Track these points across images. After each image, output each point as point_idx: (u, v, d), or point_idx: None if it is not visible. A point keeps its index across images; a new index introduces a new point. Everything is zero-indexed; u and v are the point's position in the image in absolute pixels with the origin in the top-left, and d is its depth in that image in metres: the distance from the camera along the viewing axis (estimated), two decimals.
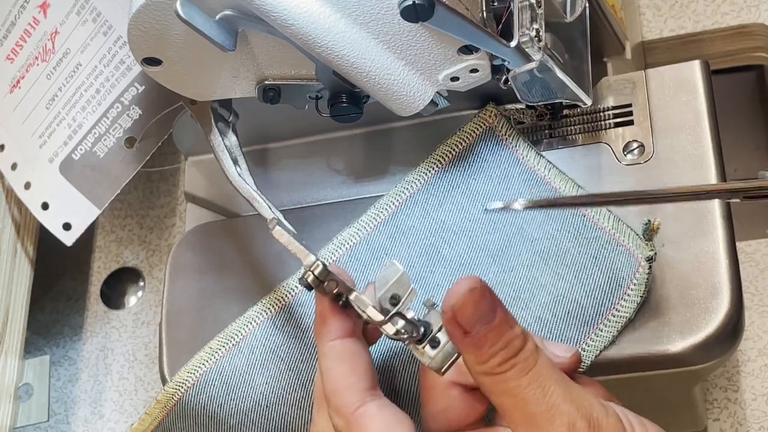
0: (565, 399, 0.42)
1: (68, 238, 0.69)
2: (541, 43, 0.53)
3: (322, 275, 0.48)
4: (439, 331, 0.46)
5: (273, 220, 0.52)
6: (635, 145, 0.59)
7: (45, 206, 0.70)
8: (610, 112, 0.60)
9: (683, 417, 0.64)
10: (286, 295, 0.59)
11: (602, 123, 0.60)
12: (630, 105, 0.60)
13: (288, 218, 0.55)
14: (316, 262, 0.49)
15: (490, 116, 0.60)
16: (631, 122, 0.59)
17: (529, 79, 0.55)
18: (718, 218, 0.55)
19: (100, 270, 0.84)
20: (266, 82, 0.56)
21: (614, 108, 0.60)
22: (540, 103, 0.59)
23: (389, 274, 0.47)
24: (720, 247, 0.54)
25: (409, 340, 0.46)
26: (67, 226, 0.69)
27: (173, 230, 0.84)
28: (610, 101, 0.60)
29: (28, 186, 0.70)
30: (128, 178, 0.67)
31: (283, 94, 0.57)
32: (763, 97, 0.88)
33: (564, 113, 0.60)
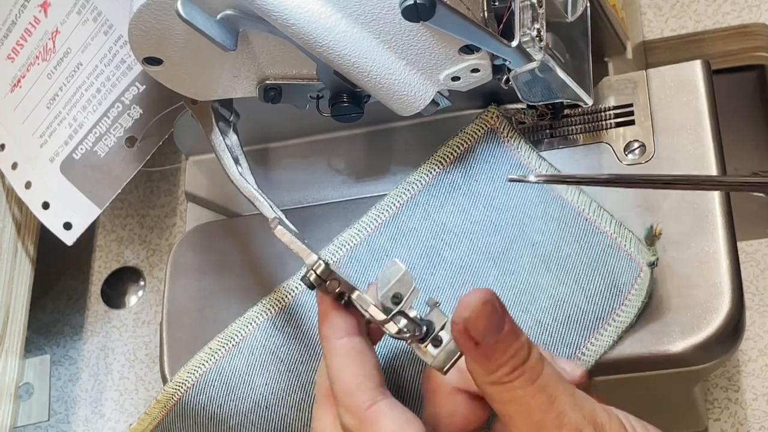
0: (571, 406, 0.42)
1: (69, 238, 0.69)
2: (542, 43, 0.53)
3: (325, 274, 0.48)
4: (441, 329, 0.46)
5: (275, 220, 0.52)
6: (636, 144, 0.59)
7: (46, 206, 0.70)
8: (611, 112, 0.60)
9: (684, 417, 0.64)
10: (286, 296, 0.59)
11: (603, 123, 0.60)
12: (631, 105, 0.60)
13: (289, 218, 0.55)
14: (318, 261, 0.49)
15: (492, 118, 0.60)
16: (632, 122, 0.59)
17: (530, 79, 0.55)
18: (718, 218, 0.55)
19: (101, 269, 0.84)
20: (267, 82, 0.56)
21: (615, 108, 0.60)
22: (541, 103, 0.59)
23: (391, 273, 0.47)
24: (721, 246, 0.54)
25: (412, 339, 0.46)
26: (68, 226, 0.69)
27: (174, 230, 0.84)
28: (611, 101, 0.60)
29: (28, 185, 0.70)
30: (129, 178, 0.67)
31: (284, 94, 0.57)
32: (764, 96, 0.88)
33: (565, 113, 0.60)
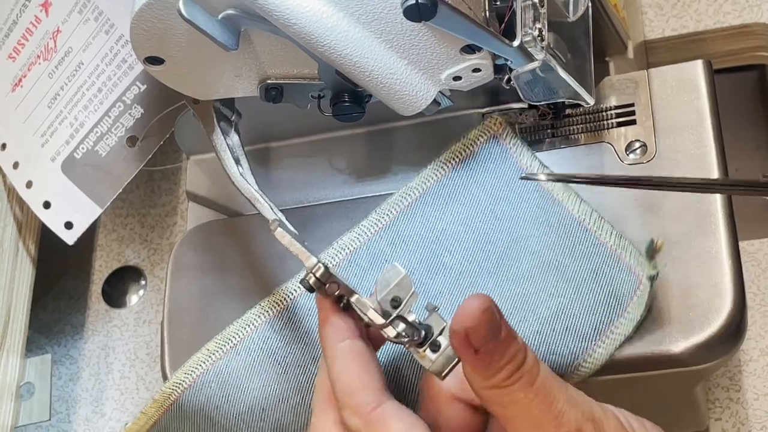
0: (568, 404, 0.42)
1: (70, 237, 0.69)
2: (544, 43, 0.53)
3: (324, 277, 0.48)
4: (440, 334, 0.46)
5: (275, 222, 0.52)
6: (638, 144, 0.59)
7: (47, 205, 0.70)
8: (612, 112, 0.60)
9: (685, 417, 0.64)
10: (285, 299, 0.59)
11: (605, 122, 0.60)
12: (632, 104, 0.60)
13: (290, 217, 0.55)
14: (317, 264, 0.49)
15: (495, 124, 0.60)
16: (634, 122, 0.59)
17: (531, 79, 0.55)
18: (720, 218, 0.55)
19: (102, 269, 0.84)
20: (269, 81, 0.56)
21: (617, 107, 0.60)
22: (542, 103, 0.59)
23: (391, 276, 0.47)
24: (722, 246, 0.54)
25: (410, 344, 0.46)
26: (69, 225, 0.69)
27: (174, 229, 0.84)
28: (613, 101, 0.60)
29: (29, 185, 0.70)
30: (130, 177, 0.67)
31: (286, 94, 0.57)
32: (765, 96, 0.88)
33: (566, 113, 0.60)
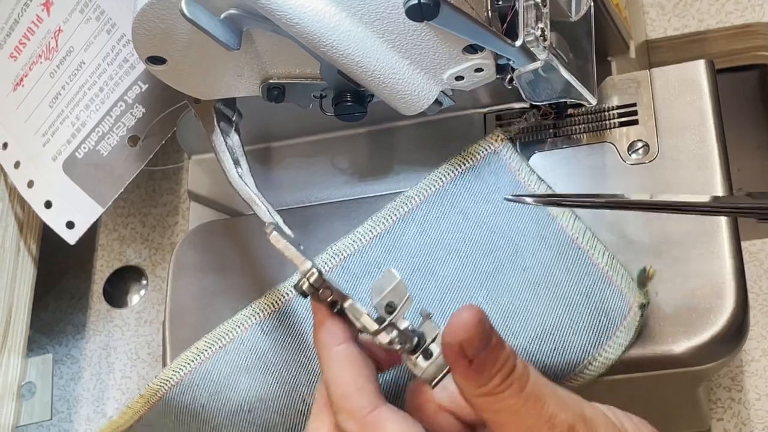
0: (560, 406, 0.43)
1: (71, 237, 0.69)
2: (546, 43, 0.53)
3: (317, 283, 0.48)
4: (432, 342, 0.46)
5: (270, 225, 0.52)
6: (640, 144, 0.59)
7: (48, 204, 0.70)
8: (614, 112, 0.60)
9: (687, 417, 0.64)
10: (277, 301, 0.59)
11: (607, 122, 0.60)
12: (635, 104, 0.60)
13: (291, 217, 0.55)
14: (311, 270, 0.48)
15: (496, 140, 0.60)
16: (636, 122, 0.59)
17: (533, 79, 0.55)
18: (722, 217, 0.55)
19: (103, 268, 0.84)
20: (270, 81, 0.56)
21: (619, 107, 0.60)
22: (544, 102, 0.59)
23: (386, 281, 0.47)
24: (725, 246, 0.54)
25: (402, 351, 0.46)
26: (70, 225, 0.69)
27: (176, 228, 0.84)
28: (615, 100, 0.60)
29: (31, 184, 0.70)
30: (131, 177, 0.67)
31: (288, 93, 0.57)
32: (766, 96, 0.88)
33: (568, 112, 0.60)
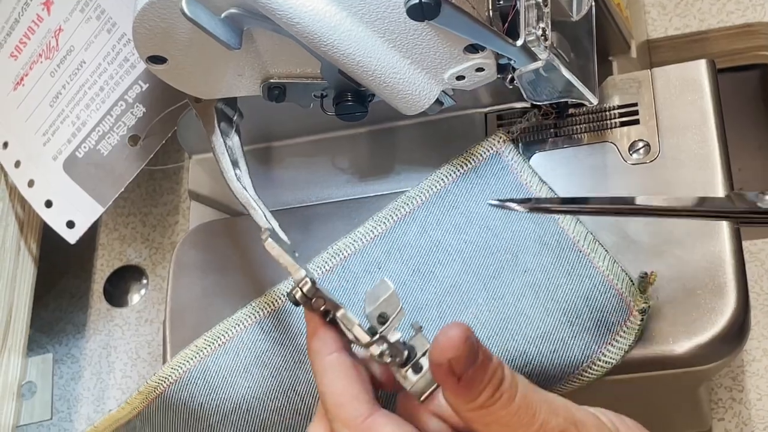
0: (550, 412, 0.43)
1: (72, 236, 0.69)
2: (548, 42, 0.53)
3: (310, 292, 0.48)
4: (423, 356, 0.46)
5: (266, 231, 0.51)
6: (641, 144, 0.59)
7: (48, 204, 0.70)
8: (615, 111, 0.60)
9: (688, 417, 0.64)
10: (276, 300, 0.59)
11: (608, 122, 0.60)
12: (636, 104, 0.60)
13: (292, 217, 0.55)
14: (305, 279, 0.48)
15: (498, 141, 0.60)
16: (637, 121, 0.59)
17: (534, 78, 0.55)
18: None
19: (103, 268, 0.84)
20: (271, 81, 0.56)
21: (620, 107, 0.60)
22: (546, 102, 0.58)
23: (379, 291, 0.47)
24: (726, 246, 0.54)
25: (392, 364, 0.46)
26: (71, 224, 0.69)
27: (176, 228, 0.84)
28: (616, 100, 0.60)
29: (31, 184, 0.70)
30: (132, 176, 0.67)
31: (288, 93, 0.57)
32: (767, 95, 0.88)
33: (569, 112, 0.60)
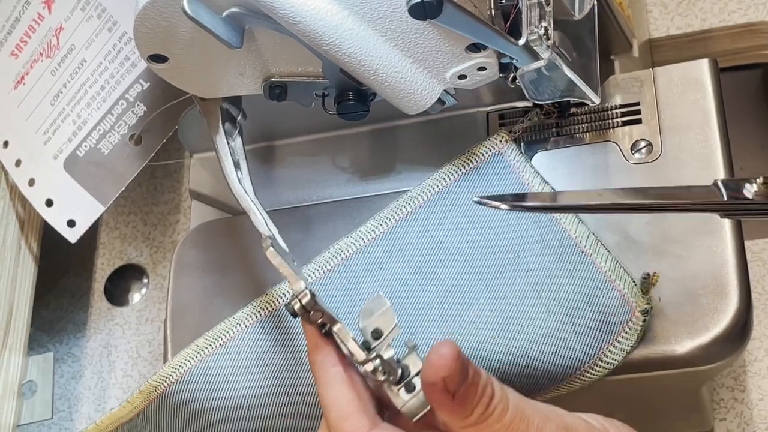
0: (543, 420, 0.43)
1: (72, 235, 0.69)
2: (550, 41, 0.53)
3: (309, 305, 0.48)
4: (416, 375, 0.45)
5: (267, 239, 0.51)
6: (643, 143, 0.59)
7: (49, 203, 0.70)
8: (617, 111, 0.60)
9: (690, 417, 0.64)
10: (277, 300, 0.59)
11: (610, 121, 0.60)
12: (638, 103, 0.60)
13: (293, 216, 0.55)
14: (304, 291, 0.48)
15: (500, 141, 0.59)
16: (639, 121, 0.59)
17: (536, 78, 0.55)
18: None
19: (104, 267, 0.84)
20: (273, 80, 0.56)
21: (622, 106, 0.60)
22: (548, 102, 0.58)
23: (375, 306, 0.47)
24: (728, 246, 0.54)
25: (385, 381, 0.45)
26: (72, 223, 0.69)
27: (177, 227, 0.84)
28: (618, 99, 0.60)
29: (32, 183, 0.70)
30: (133, 175, 0.67)
31: (290, 92, 0.56)
32: None
33: (571, 111, 0.60)
